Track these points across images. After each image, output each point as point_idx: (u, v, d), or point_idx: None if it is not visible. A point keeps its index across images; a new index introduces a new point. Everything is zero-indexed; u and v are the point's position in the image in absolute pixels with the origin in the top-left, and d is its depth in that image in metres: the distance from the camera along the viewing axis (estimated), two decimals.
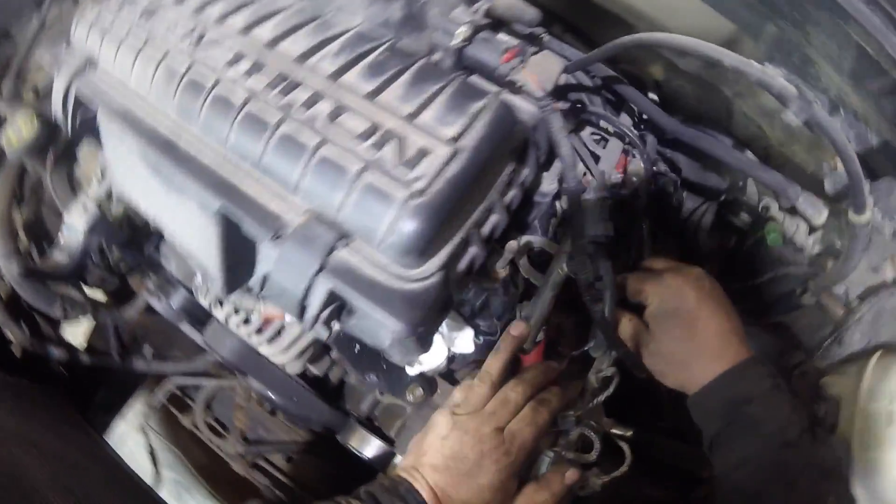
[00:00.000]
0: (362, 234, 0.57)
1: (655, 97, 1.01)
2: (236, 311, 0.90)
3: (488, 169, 0.61)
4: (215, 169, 0.62)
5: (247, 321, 0.90)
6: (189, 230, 0.69)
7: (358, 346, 0.87)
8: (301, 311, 0.58)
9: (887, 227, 0.82)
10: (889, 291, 0.86)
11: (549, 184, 0.84)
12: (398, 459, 0.91)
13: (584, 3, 0.85)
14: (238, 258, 0.65)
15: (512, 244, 0.81)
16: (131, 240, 1.01)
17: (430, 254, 0.57)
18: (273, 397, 1.02)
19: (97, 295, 1.15)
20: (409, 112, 0.58)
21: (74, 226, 0.95)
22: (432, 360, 0.84)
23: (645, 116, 1.02)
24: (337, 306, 0.57)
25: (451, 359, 0.88)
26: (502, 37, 0.75)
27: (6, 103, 1.06)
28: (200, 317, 1.04)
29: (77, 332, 1.18)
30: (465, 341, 0.85)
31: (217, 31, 0.66)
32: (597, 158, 0.92)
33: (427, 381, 0.87)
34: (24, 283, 0.97)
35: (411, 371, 0.81)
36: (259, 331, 0.90)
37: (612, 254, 0.81)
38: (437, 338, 0.84)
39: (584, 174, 0.89)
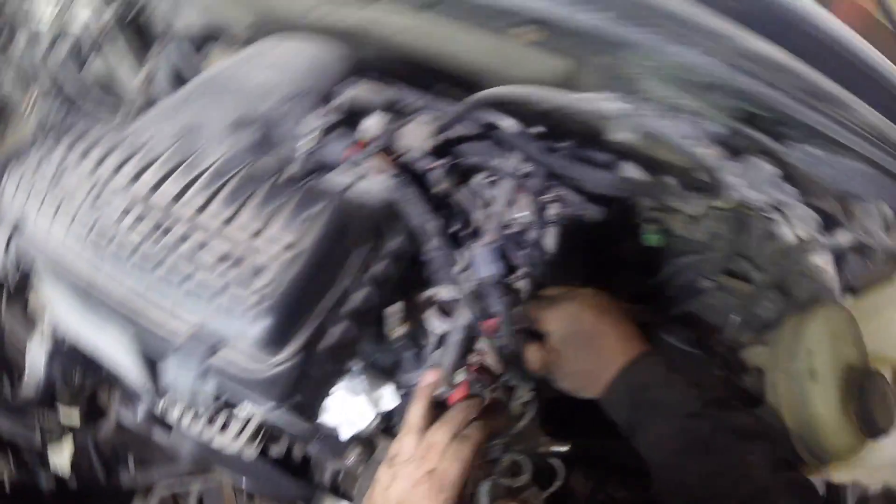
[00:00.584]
0: (233, 338, 0.69)
1: (542, 128, 1.07)
2: (188, 410, 0.96)
3: (334, 259, 0.72)
4: (125, 301, 0.76)
5: (196, 416, 0.96)
6: (117, 352, 0.83)
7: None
8: (198, 405, 0.72)
9: (759, 199, 0.86)
10: (791, 252, 0.90)
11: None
12: None
13: (428, 69, 0.93)
14: (158, 368, 0.79)
15: (396, 305, 0.88)
16: (89, 360, 1.08)
17: (287, 342, 0.68)
18: (244, 483, 1.07)
19: (73, 414, 1.22)
20: (258, 229, 0.70)
21: (36, 354, 1.04)
22: (362, 421, 0.90)
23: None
24: (228, 396, 0.67)
25: (390, 416, 0.93)
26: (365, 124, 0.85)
27: None
28: (167, 422, 1.10)
29: (61, 454, 1.25)
30: (388, 398, 0.90)
31: (111, 186, 0.79)
32: (490, 201, 0.98)
33: (364, 442, 0.92)
34: (2, 418, 1.05)
35: (344, 435, 0.87)
36: (210, 423, 0.96)
37: (511, 289, 0.89)
38: (362, 400, 0.90)
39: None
